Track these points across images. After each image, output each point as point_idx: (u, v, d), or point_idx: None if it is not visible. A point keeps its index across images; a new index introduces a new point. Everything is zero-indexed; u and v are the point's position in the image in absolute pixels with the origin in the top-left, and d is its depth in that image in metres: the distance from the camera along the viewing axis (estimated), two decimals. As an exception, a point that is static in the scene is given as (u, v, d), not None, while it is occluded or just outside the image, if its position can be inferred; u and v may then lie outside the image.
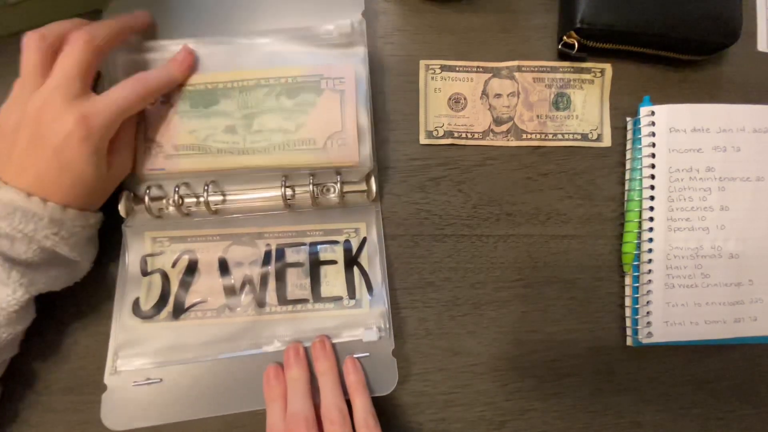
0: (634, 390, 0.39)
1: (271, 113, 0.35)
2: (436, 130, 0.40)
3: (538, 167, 0.40)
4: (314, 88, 0.35)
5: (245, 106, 0.35)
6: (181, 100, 0.35)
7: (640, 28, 0.38)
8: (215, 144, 0.35)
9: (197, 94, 0.35)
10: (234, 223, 0.37)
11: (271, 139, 0.35)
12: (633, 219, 0.39)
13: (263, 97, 0.35)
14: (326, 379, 0.33)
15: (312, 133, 0.35)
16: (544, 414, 0.38)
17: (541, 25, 0.42)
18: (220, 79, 0.35)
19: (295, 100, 0.35)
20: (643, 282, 0.38)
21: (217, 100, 0.35)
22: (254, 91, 0.35)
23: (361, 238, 0.38)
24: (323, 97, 0.35)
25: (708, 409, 0.39)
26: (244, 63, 0.36)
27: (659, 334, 0.38)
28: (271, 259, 0.37)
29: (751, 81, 0.42)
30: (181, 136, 0.35)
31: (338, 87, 0.35)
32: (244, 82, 0.35)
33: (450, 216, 0.39)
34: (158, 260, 0.36)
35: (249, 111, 0.35)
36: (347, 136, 0.35)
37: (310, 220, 0.38)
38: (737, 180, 0.39)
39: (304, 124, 0.35)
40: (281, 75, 0.35)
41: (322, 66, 0.36)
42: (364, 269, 0.37)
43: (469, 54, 0.41)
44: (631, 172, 0.40)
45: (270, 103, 0.35)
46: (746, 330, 0.39)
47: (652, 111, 0.39)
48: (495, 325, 0.38)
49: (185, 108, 0.35)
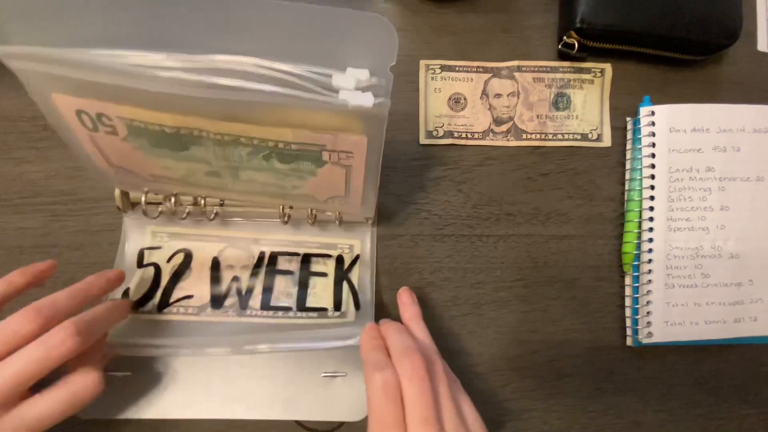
0: (634, 390, 0.39)
1: (261, 172, 0.29)
2: (436, 130, 0.40)
3: (538, 167, 0.40)
4: (314, 159, 0.28)
5: (225, 159, 0.28)
6: (133, 136, 0.27)
7: (640, 28, 0.38)
8: (200, 181, 0.32)
9: (155, 135, 0.26)
10: (233, 226, 0.37)
11: (265, 189, 0.32)
12: (633, 219, 0.39)
13: (247, 156, 0.28)
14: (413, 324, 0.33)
15: (311, 191, 0.32)
16: (544, 414, 0.38)
17: (541, 25, 0.42)
18: (182, 123, 0.25)
19: (289, 166, 0.28)
20: (643, 282, 0.38)
21: (185, 146, 0.27)
22: (234, 148, 0.27)
23: (354, 255, 0.38)
24: (325, 168, 0.29)
25: (708, 409, 0.39)
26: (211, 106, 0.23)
27: (659, 334, 0.38)
28: (263, 264, 0.37)
29: (751, 81, 0.42)
30: (155, 168, 0.30)
31: (344, 162, 0.28)
32: (217, 136, 0.26)
33: (450, 216, 0.39)
34: (155, 254, 0.36)
35: (232, 164, 0.29)
36: (352, 199, 0.33)
37: (307, 232, 0.38)
38: (737, 180, 0.39)
39: (301, 186, 0.31)
40: (269, 137, 0.26)
41: (325, 136, 0.26)
42: (354, 286, 0.37)
43: (469, 54, 0.41)
44: (631, 172, 0.40)
45: (257, 163, 0.28)
46: (746, 330, 0.39)
47: (652, 111, 0.39)
48: (495, 325, 0.38)
49: (143, 144, 0.27)
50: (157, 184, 0.33)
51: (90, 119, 0.26)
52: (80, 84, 0.23)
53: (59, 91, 0.24)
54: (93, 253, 0.37)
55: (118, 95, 0.24)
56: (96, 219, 0.37)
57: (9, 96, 0.38)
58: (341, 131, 0.25)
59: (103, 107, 0.25)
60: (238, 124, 0.25)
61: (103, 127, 0.26)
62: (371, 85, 0.23)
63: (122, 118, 0.25)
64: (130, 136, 0.27)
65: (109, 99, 0.24)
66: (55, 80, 0.23)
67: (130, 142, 0.27)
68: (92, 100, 0.25)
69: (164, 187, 0.34)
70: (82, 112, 0.25)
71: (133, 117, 0.25)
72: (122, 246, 0.36)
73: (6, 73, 0.23)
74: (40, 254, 0.37)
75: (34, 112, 0.37)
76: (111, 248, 0.37)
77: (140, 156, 0.29)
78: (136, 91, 0.23)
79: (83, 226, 0.37)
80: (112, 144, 0.28)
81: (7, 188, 0.37)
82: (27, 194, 0.37)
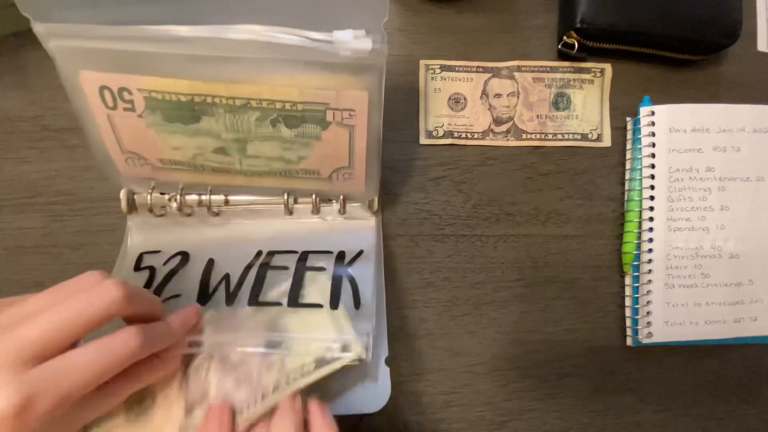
0: (634, 390, 0.39)
1: (268, 141, 0.31)
2: (436, 130, 0.40)
3: (538, 167, 0.40)
4: (318, 120, 0.29)
5: (234, 129, 0.30)
6: (149, 110, 0.29)
7: (640, 28, 0.38)
8: (207, 163, 0.32)
9: (170, 106, 0.29)
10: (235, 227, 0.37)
11: (270, 165, 0.33)
12: (633, 219, 0.39)
13: (256, 122, 0.30)
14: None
15: (316, 165, 0.32)
16: (544, 414, 0.38)
17: (541, 25, 0.42)
18: (198, 90, 0.28)
19: (295, 131, 0.30)
20: (643, 282, 0.38)
21: (197, 117, 0.29)
22: (243, 114, 0.29)
23: (357, 249, 0.36)
24: (329, 131, 0.30)
25: (708, 409, 0.39)
26: (225, 69, 0.27)
27: (659, 334, 0.38)
28: (258, 260, 0.36)
29: (751, 81, 0.42)
30: (164, 151, 0.31)
31: (347, 121, 0.29)
32: (229, 101, 0.28)
33: (450, 216, 0.39)
34: (153, 257, 0.36)
35: (240, 135, 0.31)
36: (355, 171, 0.33)
37: (309, 226, 0.37)
38: (737, 180, 0.39)
39: (306, 157, 0.32)
40: (277, 98, 0.28)
41: (329, 93, 0.28)
42: (355, 282, 0.34)
43: (469, 54, 0.41)
44: (631, 172, 0.40)
45: (264, 130, 0.30)
46: (746, 330, 0.39)
47: (652, 111, 0.39)
48: (495, 325, 0.38)
49: (158, 120, 0.30)
50: (165, 173, 0.33)
51: (111, 96, 0.28)
52: (108, 56, 0.26)
53: (87, 67, 0.27)
54: (93, 253, 0.37)
55: (142, 64, 0.27)
56: (96, 219, 0.37)
57: (9, 96, 0.38)
58: (343, 88, 0.28)
59: (126, 80, 0.28)
60: (249, 85, 0.28)
61: (122, 103, 0.29)
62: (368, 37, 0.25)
63: (142, 90, 0.28)
64: (147, 111, 0.29)
65: (133, 70, 0.27)
66: (85, 55, 0.27)
67: (146, 118, 0.29)
68: (117, 74, 0.27)
69: (171, 176, 0.34)
70: (105, 88, 0.28)
71: (152, 88, 0.28)
72: (124, 247, 0.36)
73: (7, 73, 0.23)
74: (40, 254, 0.37)
75: (34, 112, 0.37)
76: (111, 248, 0.37)
77: (153, 135, 0.30)
78: (158, 57, 0.26)
79: (83, 226, 0.37)
80: (127, 123, 0.30)
81: (7, 188, 0.37)
82: (27, 194, 0.37)
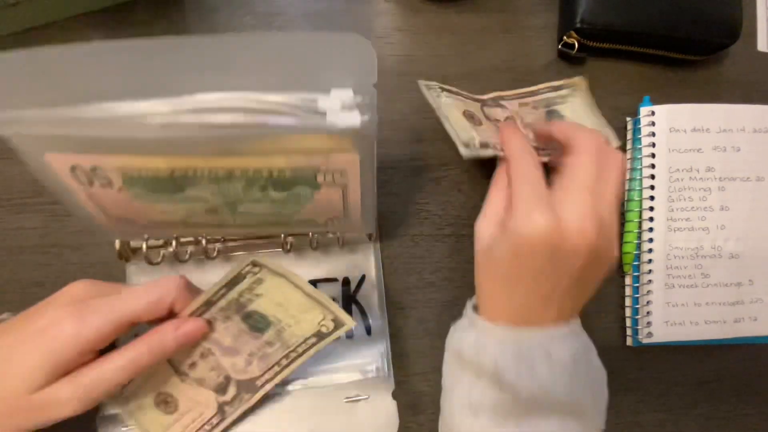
0: (634, 390, 0.39)
1: (258, 203, 0.29)
2: (471, 144, 0.33)
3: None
4: (309, 182, 0.27)
5: (222, 194, 0.28)
6: (128, 185, 0.27)
7: (640, 28, 0.38)
8: (200, 220, 0.31)
9: (149, 181, 0.26)
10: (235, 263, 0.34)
11: (265, 219, 0.32)
12: (633, 219, 0.39)
13: (244, 188, 0.28)
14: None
15: (310, 216, 0.32)
16: (544, 414, 0.38)
17: (541, 25, 0.42)
18: (176, 164, 0.25)
19: (285, 193, 0.28)
20: (643, 282, 0.38)
21: (181, 188, 0.27)
22: (229, 182, 0.27)
23: (359, 275, 0.37)
24: (321, 192, 0.29)
25: (708, 409, 0.39)
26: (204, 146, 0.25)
27: (659, 334, 0.38)
28: None
29: (751, 81, 0.42)
30: (153, 215, 0.30)
31: (339, 181, 0.28)
32: (212, 172, 0.26)
33: (450, 216, 0.39)
34: None
35: (229, 199, 0.29)
36: (351, 217, 0.32)
37: (309, 258, 0.37)
38: (737, 180, 0.39)
39: (300, 211, 0.31)
40: (263, 166, 0.26)
41: (317, 158, 0.26)
42: (362, 307, 0.36)
43: (469, 54, 0.41)
44: (631, 172, 0.40)
45: (254, 194, 0.28)
46: (746, 330, 0.39)
47: (652, 111, 0.39)
48: (495, 325, 0.38)
49: (140, 193, 0.27)
50: (158, 230, 0.32)
51: (84, 174, 0.26)
52: (74, 140, 0.23)
53: (52, 150, 0.24)
54: (93, 253, 0.37)
55: (112, 146, 0.24)
56: (96, 219, 0.37)
57: (9, 96, 0.38)
58: (333, 152, 0.25)
59: (97, 160, 0.25)
60: (231, 158, 0.25)
61: (98, 179, 0.26)
62: (356, 104, 0.22)
63: (116, 169, 0.25)
64: (126, 186, 0.27)
65: (102, 151, 0.25)
66: (48, 140, 0.24)
67: (126, 192, 0.27)
68: (85, 154, 0.25)
69: (165, 232, 0.33)
70: (76, 168, 0.25)
71: (126, 166, 0.25)
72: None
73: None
74: (41, 254, 0.37)
75: (34, 112, 0.37)
76: (111, 248, 0.36)
77: (138, 204, 0.28)
78: (129, 140, 0.23)
79: (83, 226, 0.37)
80: (108, 196, 0.27)
81: (7, 188, 0.37)
82: (27, 194, 0.37)
